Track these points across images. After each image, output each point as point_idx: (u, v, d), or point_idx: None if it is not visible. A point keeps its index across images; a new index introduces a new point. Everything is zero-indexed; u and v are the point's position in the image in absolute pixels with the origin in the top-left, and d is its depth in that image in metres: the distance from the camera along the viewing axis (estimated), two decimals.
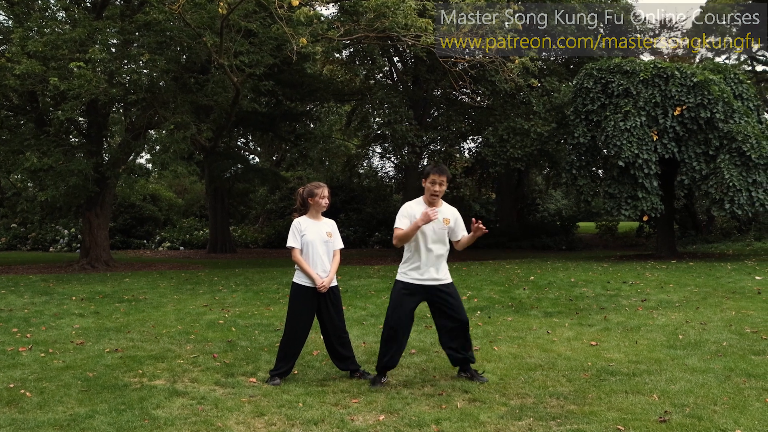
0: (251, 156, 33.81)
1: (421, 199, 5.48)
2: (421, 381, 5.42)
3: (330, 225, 5.73)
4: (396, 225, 5.38)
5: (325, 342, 5.71)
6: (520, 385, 5.25)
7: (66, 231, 26.28)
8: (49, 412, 4.65)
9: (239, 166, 24.01)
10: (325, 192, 5.61)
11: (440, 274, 5.40)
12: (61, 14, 16.27)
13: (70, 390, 5.20)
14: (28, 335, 7.54)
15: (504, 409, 4.62)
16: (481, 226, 5.21)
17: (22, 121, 17.24)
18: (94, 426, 4.35)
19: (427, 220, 5.13)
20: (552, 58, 23.17)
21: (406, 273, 5.41)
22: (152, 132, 18.69)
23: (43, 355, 6.51)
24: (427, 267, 5.35)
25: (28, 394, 5.10)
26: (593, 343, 6.77)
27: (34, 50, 13.52)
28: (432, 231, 5.34)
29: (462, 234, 5.54)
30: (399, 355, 5.41)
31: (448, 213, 5.49)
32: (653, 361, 5.93)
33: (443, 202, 5.53)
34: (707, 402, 4.68)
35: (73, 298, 10.61)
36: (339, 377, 5.57)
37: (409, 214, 5.35)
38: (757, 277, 11.62)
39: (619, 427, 4.21)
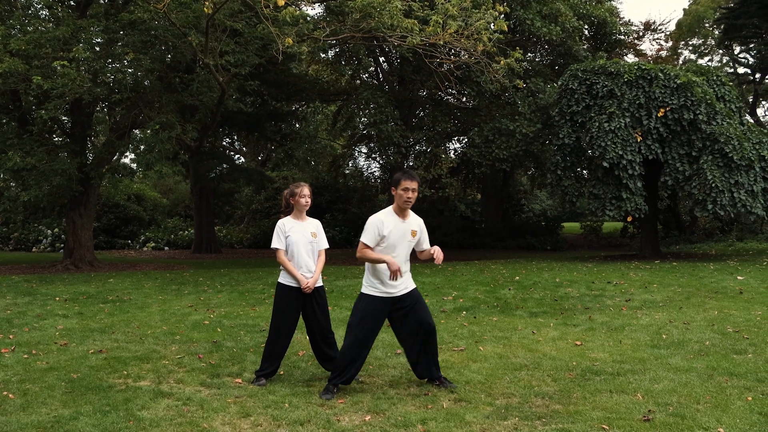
0: (236, 156, 33.69)
1: (390, 209, 5.20)
2: (407, 381, 5.43)
3: (315, 225, 5.73)
4: (363, 240, 5.11)
5: (310, 342, 5.71)
6: (505, 384, 5.27)
7: (49, 231, 26.05)
8: (33, 413, 4.61)
9: (224, 165, 23.92)
10: (305, 191, 5.60)
11: (405, 282, 5.23)
12: (44, 12, 16.14)
13: (53, 391, 5.16)
14: (11, 336, 7.47)
15: (490, 409, 4.64)
16: (439, 256, 5.07)
17: (4, 120, 17.07)
18: (79, 428, 4.32)
19: (392, 271, 4.94)
20: (537, 59, 23.31)
21: (371, 286, 5.20)
22: (137, 132, 18.59)
23: (26, 356, 6.46)
24: (387, 279, 5.14)
25: (11, 395, 5.06)
26: (578, 342, 6.82)
27: (17, 48, 13.39)
28: (399, 244, 5.14)
29: (426, 246, 5.37)
30: (358, 369, 5.23)
31: (416, 224, 5.28)
32: (637, 360, 5.98)
33: (410, 212, 5.27)
34: (690, 401, 4.72)
35: (57, 298, 10.53)
36: (325, 378, 5.55)
37: (378, 231, 5.09)
38: (738, 277, 11.74)
39: (604, 426, 4.24)
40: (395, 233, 5.13)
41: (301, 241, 5.53)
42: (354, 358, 5.09)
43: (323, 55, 21.33)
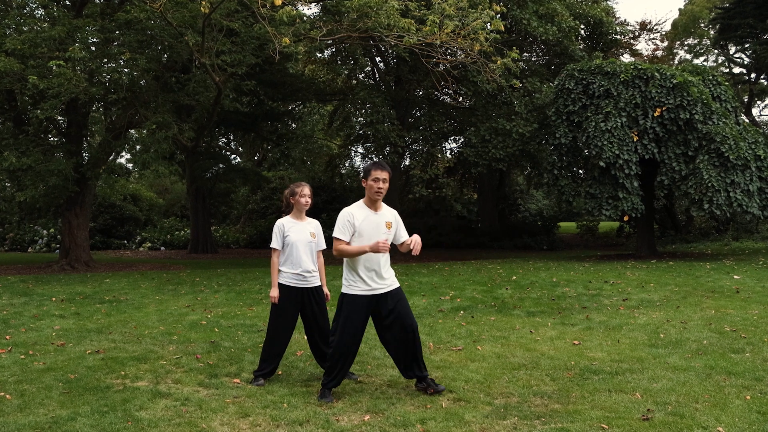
0: (233, 156, 33.66)
1: (361, 202, 5.12)
2: (406, 381, 5.42)
3: (314, 225, 5.72)
4: (336, 235, 5.01)
5: (309, 342, 5.70)
6: (504, 384, 5.27)
7: (45, 231, 25.98)
8: (30, 414, 4.59)
9: (221, 165, 23.91)
10: (306, 191, 5.60)
11: (387, 279, 5.11)
12: (39, 12, 16.09)
13: (51, 392, 5.14)
14: (8, 337, 7.44)
15: (488, 409, 4.64)
16: (416, 246, 4.92)
17: (0, 121, 17.02)
18: (77, 428, 4.30)
19: (377, 250, 4.87)
20: (533, 59, 23.33)
21: (351, 284, 5.09)
22: (133, 131, 18.54)
23: (23, 357, 6.43)
24: (377, 273, 5.05)
25: (8, 396, 5.03)
26: (576, 342, 6.82)
27: (12, 48, 13.34)
28: (369, 236, 5.01)
29: (404, 237, 5.22)
30: (350, 365, 5.22)
31: (390, 216, 5.16)
32: (635, 359, 5.98)
33: (383, 203, 5.17)
34: (689, 400, 4.73)
35: (53, 299, 10.50)
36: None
37: (349, 223, 4.99)
38: (735, 277, 11.77)
39: (603, 425, 4.24)
40: (367, 225, 5.02)
41: (300, 241, 5.52)
42: (343, 361, 5.03)
43: (320, 55, 21.30)
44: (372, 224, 5.03)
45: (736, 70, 31.55)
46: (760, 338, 6.73)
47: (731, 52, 30.85)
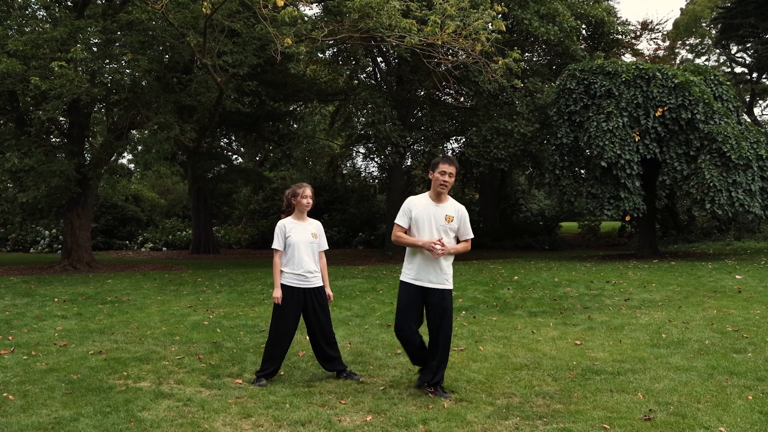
0: (234, 156, 33.67)
1: (426, 193, 5.21)
2: (408, 381, 5.43)
3: (315, 226, 5.72)
4: (395, 221, 5.19)
5: (311, 343, 5.71)
6: (506, 384, 5.28)
7: (47, 232, 26.02)
8: (33, 415, 4.60)
9: (222, 166, 23.93)
10: (307, 191, 5.60)
11: (439, 277, 5.10)
12: (41, 13, 16.11)
13: (53, 393, 5.16)
14: (10, 338, 7.45)
15: (491, 409, 4.64)
16: (441, 249, 4.98)
17: (2, 121, 17.06)
18: (79, 429, 4.31)
19: (429, 249, 4.97)
20: (535, 59, 23.32)
21: (406, 273, 5.21)
22: (135, 132, 18.57)
23: (25, 357, 6.45)
24: (431, 268, 5.09)
25: (11, 397, 5.04)
26: (578, 342, 6.82)
27: (15, 49, 13.36)
28: (428, 226, 5.09)
29: (468, 235, 5.21)
30: (419, 356, 5.29)
31: (452, 210, 5.16)
32: (637, 359, 5.98)
33: (450, 197, 5.23)
34: (691, 400, 4.73)
35: (56, 299, 10.51)
36: (325, 378, 5.56)
37: (408, 210, 5.13)
38: (737, 276, 11.75)
39: (605, 425, 4.25)
40: (424, 215, 5.09)
41: (301, 242, 5.53)
42: (403, 344, 5.22)
43: (321, 56, 21.29)
44: (429, 215, 5.10)
45: (738, 69, 31.51)
46: (762, 338, 6.72)
47: (733, 52, 30.82)
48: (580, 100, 16.49)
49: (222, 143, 30.95)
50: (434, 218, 5.08)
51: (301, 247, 5.52)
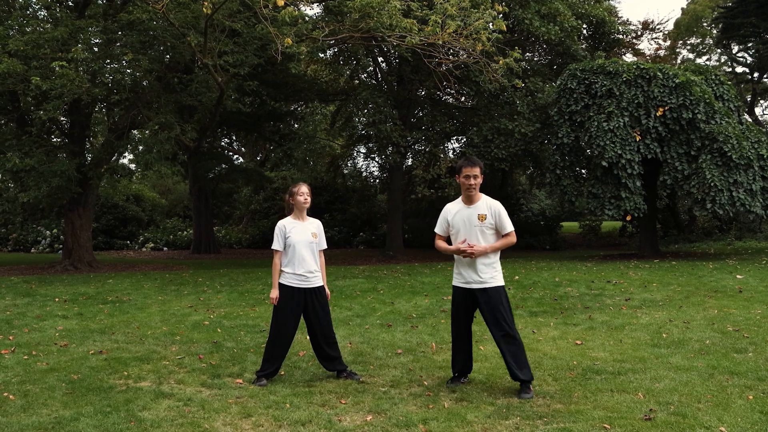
0: (235, 156, 33.69)
1: (459, 198, 5.31)
2: (408, 381, 5.43)
3: (315, 225, 5.72)
4: (435, 230, 5.41)
5: (311, 343, 5.71)
6: (506, 384, 5.27)
7: (48, 232, 26.03)
8: (33, 415, 4.61)
9: (223, 166, 23.93)
10: (303, 189, 5.60)
11: (482, 276, 5.14)
12: (42, 13, 16.13)
13: (54, 392, 5.16)
14: (11, 337, 7.46)
15: (491, 409, 4.64)
16: (472, 248, 5.05)
17: (3, 121, 17.06)
18: (80, 429, 4.31)
19: (459, 253, 5.10)
20: (536, 59, 23.30)
21: (454, 277, 5.34)
22: (136, 132, 18.58)
23: (26, 357, 6.45)
24: (472, 269, 5.15)
25: (11, 397, 5.05)
26: (578, 342, 6.82)
27: (15, 49, 13.38)
28: (464, 229, 5.15)
29: (508, 228, 5.18)
30: (465, 361, 5.37)
31: (484, 208, 5.18)
32: (638, 359, 5.98)
33: (483, 195, 5.27)
34: (691, 400, 4.72)
35: (56, 299, 10.52)
36: (326, 378, 5.56)
37: (443, 218, 5.33)
38: (738, 276, 11.75)
39: (605, 425, 4.24)
40: (459, 219, 5.21)
41: (301, 242, 5.52)
42: (454, 346, 5.37)
43: (322, 55, 21.28)
44: (463, 218, 5.21)
45: (739, 69, 31.50)
46: (763, 338, 6.72)
47: (734, 52, 30.81)
48: (581, 99, 16.48)
49: (223, 143, 30.97)
50: (468, 220, 5.18)
51: (302, 247, 5.52)
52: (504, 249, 5.26)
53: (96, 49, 15.24)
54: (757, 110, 32.86)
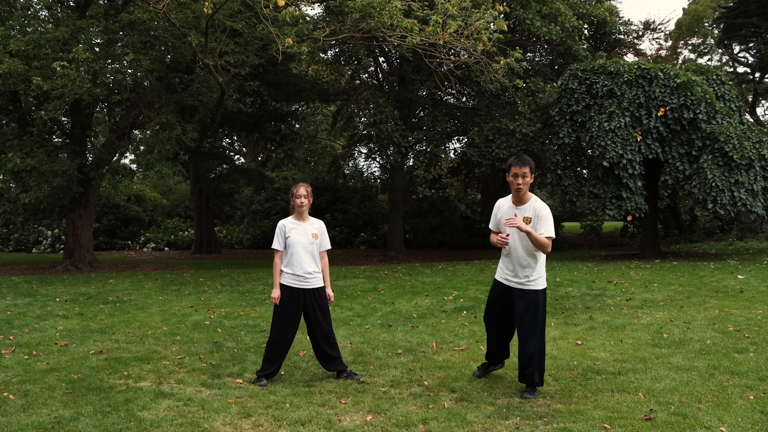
0: (236, 156, 33.68)
1: (510, 195, 5.29)
2: (408, 381, 5.43)
3: (317, 226, 5.70)
4: (489, 225, 5.50)
5: (311, 343, 5.70)
6: (506, 384, 5.27)
7: (49, 232, 26.05)
8: (33, 414, 4.61)
9: (224, 166, 23.92)
10: (300, 191, 5.58)
11: (521, 277, 5.15)
12: (43, 13, 16.14)
13: (54, 392, 5.16)
14: (11, 337, 7.46)
15: (491, 409, 4.64)
16: (518, 223, 4.98)
17: (4, 122, 17.07)
18: (79, 428, 4.31)
19: (495, 243, 5.20)
20: (537, 59, 23.29)
21: (497, 270, 5.43)
22: (137, 132, 18.57)
23: (26, 357, 6.45)
24: (511, 266, 5.24)
25: (11, 396, 5.05)
26: (579, 342, 6.81)
27: (16, 49, 13.38)
28: (514, 231, 5.12)
29: (548, 233, 5.01)
30: (501, 351, 5.46)
31: (530, 210, 5.10)
32: (638, 359, 5.97)
33: (533, 196, 5.16)
34: (692, 400, 4.72)
35: (57, 299, 10.52)
36: (326, 378, 5.56)
37: (495, 213, 5.38)
38: (739, 276, 11.73)
39: (605, 425, 4.24)
40: (504, 217, 5.21)
41: (301, 243, 5.52)
42: (489, 335, 5.50)
43: (323, 56, 21.29)
44: (507, 216, 5.19)
45: (740, 69, 31.45)
46: (764, 338, 6.71)
47: (735, 52, 30.77)
48: (582, 99, 16.46)
49: (224, 143, 30.97)
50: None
51: (301, 247, 5.52)
52: (540, 249, 5.02)
53: (97, 49, 15.24)
54: (759, 110, 32.84)
